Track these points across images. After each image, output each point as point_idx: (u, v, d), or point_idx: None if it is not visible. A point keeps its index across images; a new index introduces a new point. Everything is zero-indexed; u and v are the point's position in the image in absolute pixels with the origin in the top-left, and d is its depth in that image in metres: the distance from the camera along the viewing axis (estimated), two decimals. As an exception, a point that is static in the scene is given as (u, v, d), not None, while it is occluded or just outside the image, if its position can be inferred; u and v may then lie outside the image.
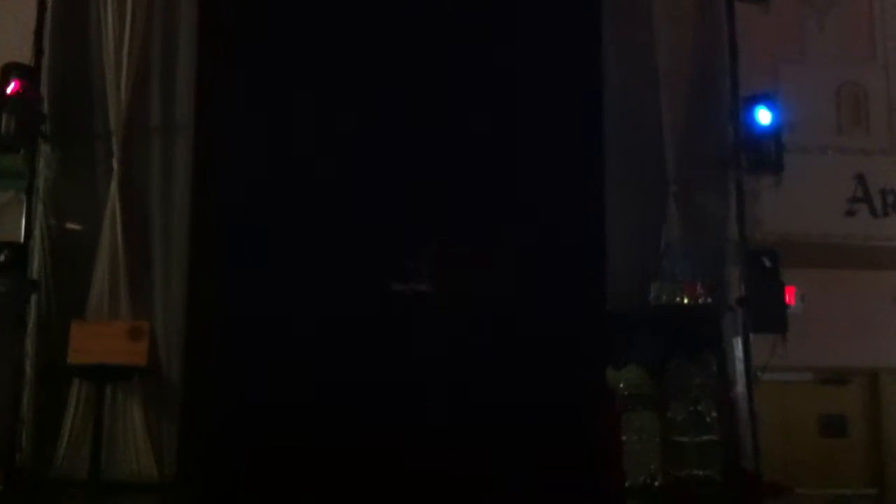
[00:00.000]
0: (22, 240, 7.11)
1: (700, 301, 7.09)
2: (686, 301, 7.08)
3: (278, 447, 6.59)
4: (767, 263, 7.28)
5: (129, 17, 7.35)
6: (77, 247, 7.25)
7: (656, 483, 6.68)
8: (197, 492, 6.63)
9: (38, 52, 7.29)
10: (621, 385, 6.89)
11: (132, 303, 7.12)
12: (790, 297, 7.39)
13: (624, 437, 6.83)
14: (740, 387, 7.14)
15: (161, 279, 7.23)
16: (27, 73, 7.19)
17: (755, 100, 7.62)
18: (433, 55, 7.17)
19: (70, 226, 7.28)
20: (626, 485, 6.71)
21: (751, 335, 7.29)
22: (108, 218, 7.18)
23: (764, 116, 7.57)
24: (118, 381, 6.92)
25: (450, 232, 6.86)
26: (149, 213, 7.33)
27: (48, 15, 7.34)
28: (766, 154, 7.57)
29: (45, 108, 7.27)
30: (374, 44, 7.19)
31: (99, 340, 6.85)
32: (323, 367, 6.74)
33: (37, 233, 7.13)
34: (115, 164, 7.24)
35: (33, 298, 7.02)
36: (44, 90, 7.27)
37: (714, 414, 6.75)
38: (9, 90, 7.09)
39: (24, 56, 7.27)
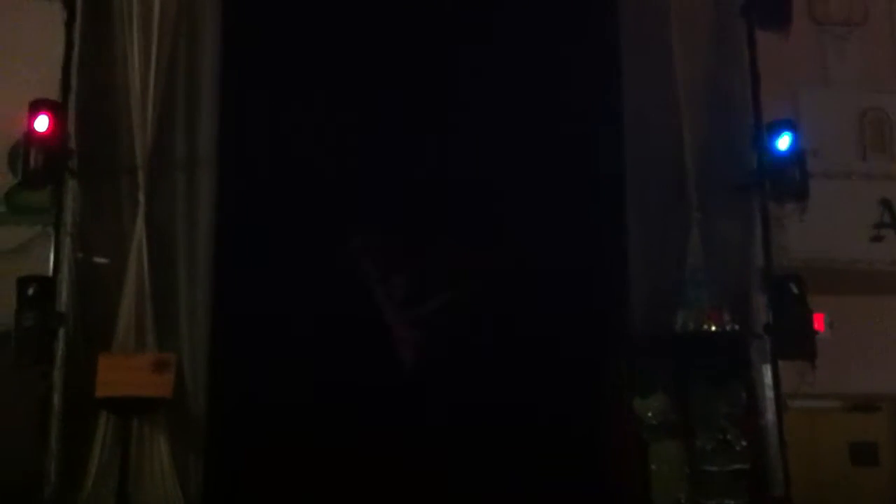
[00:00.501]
0: (50, 273, 7.17)
1: (727, 328, 7.04)
2: (713, 328, 7.03)
3: (305, 478, 6.59)
4: (794, 290, 7.22)
5: (154, 52, 7.43)
6: (104, 280, 7.30)
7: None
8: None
9: (66, 87, 7.37)
10: (649, 414, 6.84)
11: (158, 335, 7.15)
12: (818, 323, 7.32)
13: (653, 467, 6.79)
14: (770, 414, 7.07)
15: (186, 311, 7.26)
16: (55, 108, 7.29)
17: (777, 126, 7.60)
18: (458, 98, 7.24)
19: (97, 259, 7.34)
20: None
21: (779, 362, 7.23)
22: (135, 251, 7.23)
23: (784, 143, 7.54)
24: (144, 413, 6.94)
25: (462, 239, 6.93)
26: (174, 245, 7.38)
27: (75, 51, 7.45)
28: (790, 180, 7.53)
29: (73, 143, 7.36)
30: (393, 55, 7.28)
31: (125, 373, 6.87)
32: (347, 387, 6.77)
33: (65, 267, 7.19)
34: (140, 198, 7.30)
35: (61, 332, 7.08)
36: (71, 126, 7.37)
37: (744, 443, 6.67)
38: (37, 126, 7.19)
39: (52, 92, 7.37)
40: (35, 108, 7.24)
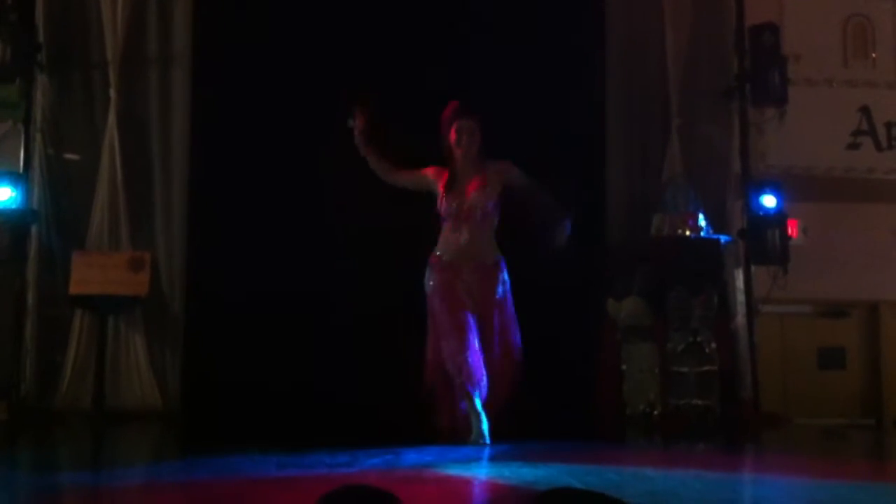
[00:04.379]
0: (21, 170, 7.08)
1: (701, 233, 7.09)
2: (687, 233, 7.07)
3: (280, 374, 6.65)
4: (770, 196, 7.27)
5: (126, -57, 7.22)
6: (77, 177, 7.24)
7: (655, 412, 6.74)
8: (200, 420, 6.70)
9: (34, -22, 7.17)
10: (622, 316, 6.92)
11: (133, 233, 7.12)
12: (792, 229, 7.39)
13: (624, 367, 6.90)
14: (740, 318, 7.19)
15: (161, 209, 7.22)
16: (22, 1, 7.09)
17: (759, 29, 7.53)
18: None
19: (69, 156, 7.25)
20: (626, 413, 6.79)
21: (752, 267, 7.32)
22: (107, 148, 7.15)
23: (768, 48, 7.48)
24: (120, 311, 6.95)
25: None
26: (148, 142, 7.29)
27: (43, -59, 7.21)
28: (770, 86, 7.51)
29: (41, 36, 7.18)
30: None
31: (100, 271, 6.87)
32: (325, 297, 6.79)
33: (36, 163, 7.11)
34: (112, 94, 7.18)
35: (33, 229, 7.03)
36: (39, 18, 7.18)
37: (714, 345, 6.78)
38: (3, 18, 7.00)
39: (19, -17, 7.15)
40: (1, -1, 7.06)
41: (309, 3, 7.23)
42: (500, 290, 5.26)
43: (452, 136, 5.30)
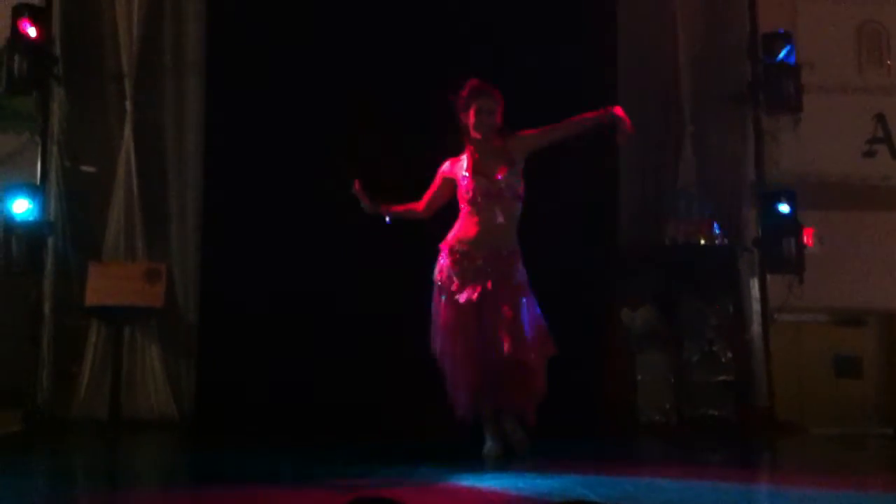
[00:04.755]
0: (38, 182, 7.13)
1: (716, 241, 7.07)
2: (702, 241, 7.05)
3: (295, 385, 6.66)
4: (785, 204, 7.24)
5: (139, -45, 7.28)
6: (93, 189, 7.28)
7: (670, 421, 6.72)
8: (215, 430, 6.72)
9: (50, -9, 7.23)
10: (636, 325, 6.90)
11: (148, 244, 7.16)
12: (807, 238, 7.35)
13: (639, 377, 6.88)
14: (756, 326, 7.16)
15: (177, 219, 7.25)
16: (38, 14, 7.16)
17: (773, 37, 7.51)
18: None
19: (85, 168, 7.30)
20: (641, 422, 6.77)
21: (767, 276, 7.29)
22: (123, 160, 7.19)
23: (783, 55, 7.47)
24: (136, 322, 6.99)
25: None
26: (164, 153, 7.33)
27: (58, -46, 7.27)
28: (784, 93, 7.49)
29: (58, 49, 7.24)
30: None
31: (116, 282, 6.90)
32: (339, 302, 6.80)
33: (52, 175, 7.16)
34: (128, 106, 7.23)
35: (50, 240, 7.08)
36: (55, 31, 7.25)
37: (729, 354, 6.76)
38: (21, 32, 7.07)
39: (35, -4, 7.22)
40: (18, 13, 7.12)
41: (322, 12, 7.25)
42: (517, 277, 4.96)
43: (472, 117, 5.00)
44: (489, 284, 4.86)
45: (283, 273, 6.89)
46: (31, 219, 6.97)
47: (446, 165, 5.12)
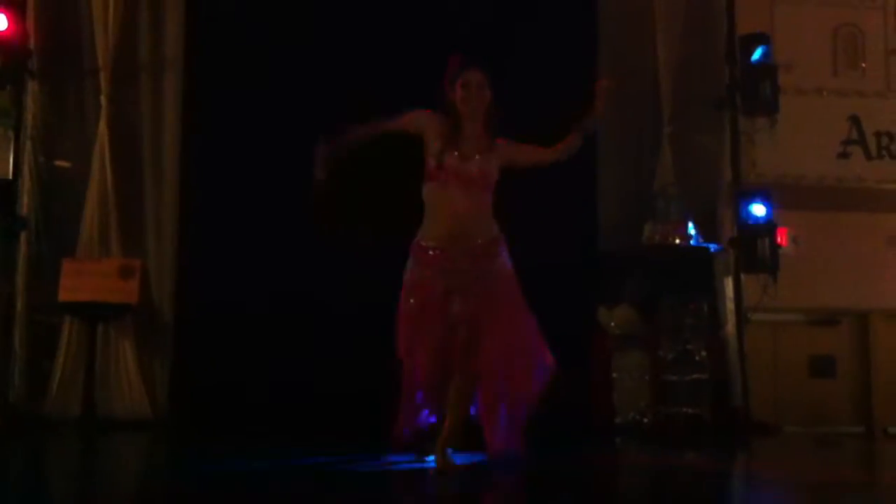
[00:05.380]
0: (10, 176, 7.06)
1: (692, 242, 7.10)
2: (678, 241, 7.09)
3: (270, 382, 6.64)
4: (760, 205, 7.30)
5: (116, -51, 7.21)
6: (67, 184, 7.21)
7: (645, 420, 6.74)
8: (189, 428, 6.68)
9: (25, -14, 7.16)
10: (612, 324, 6.92)
11: (123, 240, 7.09)
12: (782, 238, 7.41)
13: (614, 375, 6.90)
14: (731, 326, 7.20)
15: (152, 216, 7.20)
16: (13, 8, 7.07)
17: (750, 39, 7.56)
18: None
19: (59, 163, 7.23)
20: (616, 421, 6.79)
21: (742, 276, 7.33)
22: (98, 155, 7.12)
23: (760, 57, 7.52)
24: (110, 319, 6.93)
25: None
26: (139, 149, 7.27)
27: (34, -52, 7.20)
28: (761, 95, 7.54)
29: (32, 43, 7.16)
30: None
31: (90, 279, 6.84)
32: (316, 301, 6.78)
33: (25, 170, 7.08)
34: (103, 101, 7.16)
35: (22, 236, 7.00)
36: (30, 25, 7.17)
37: (704, 353, 6.79)
38: (-5, 26, 6.99)
39: (10, -10, 7.14)
40: (-8, 6, 7.04)
41: (302, 9, 7.22)
42: (501, 271, 4.47)
43: (458, 91, 4.47)
44: (473, 281, 4.39)
45: (262, 271, 6.87)
46: (3, 214, 6.88)
47: (426, 114, 4.54)
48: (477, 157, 4.44)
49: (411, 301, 4.49)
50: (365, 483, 4.17)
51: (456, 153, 4.41)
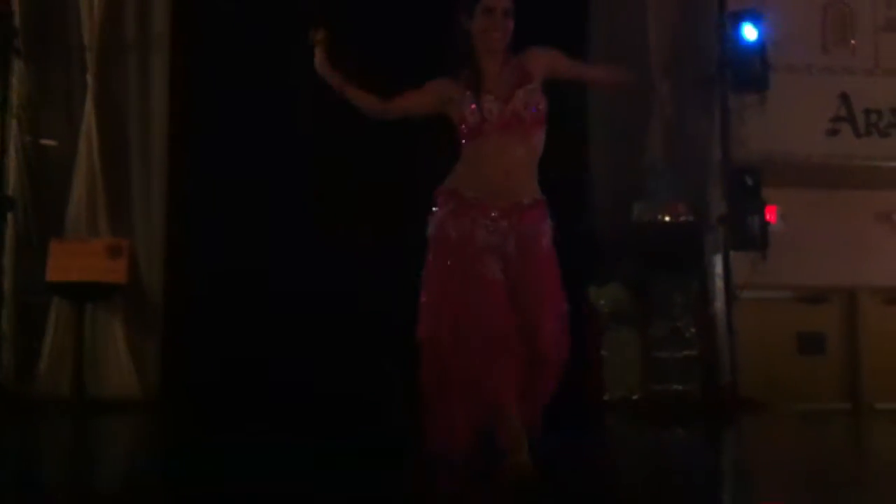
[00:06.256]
0: (-3, 156, 7.02)
1: (682, 219, 7.11)
2: (668, 219, 7.09)
3: (259, 363, 6.63)
4: (749, 182, 7.29)
5: (102, -74, 7.13)
6: (54, 164, 7.17)
7: (635, 397, 6.77)
8: (179, 408, 6.67)
9: (9, -38, 7.08)
10: (602, 302, 6.93)
11: (111, 220, 7.06)
12: (771, 215, 7.41)
13: (604, 353, 6.92)
14: (720, 303, 7.21)
15: (140, 196, 7.17)
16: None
17: (741, 16, 7.53)
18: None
19: (46, 142, 7.19)
20: (606, 398, 6.82)
21: (731, 253, 7.34)
22: (84, 134, 7.08)
23: (750, 33, 7.49)
24: (98, 299, 6.90)
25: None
26: (126, 128, 7.23)
27: (18, -75, 7.11)
28: (751, 72, 7.52)
29: (18, 21, 7.09)
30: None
31: (78, 258, 6.81)
32: (305, 280, 6.76)
33: (12, 149, 7.04)
34: (89, 80, 7.11)
35: (10, 216, 6.96)
36: (15, 3, 7.09)
37: (693, 330, 6.82)
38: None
39: (-6, -32, 7.06)
40: (-25, -16, 6.97)
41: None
42: (544, 242, 3.74)
43: (479, 20, 3.71)
44: (511, 249, 3.65)
45: (250, 253, 6.83)
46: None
47: (442, 80, 3.80)
48: (517, 88, 3.69)
49: (448, 262, 3.64)
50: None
51: (491, 97, 3.67)
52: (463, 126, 3.70)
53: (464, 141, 3.72)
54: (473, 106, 3.66)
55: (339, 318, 6.64)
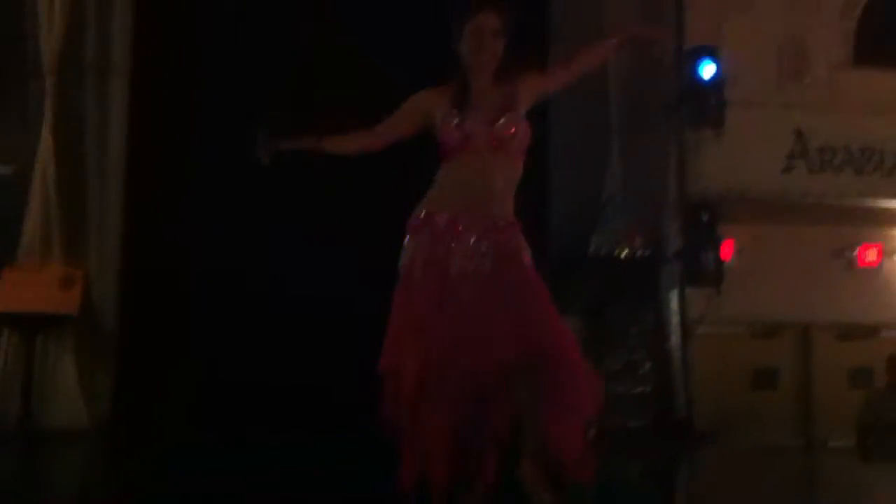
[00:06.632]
0: (-51, 182, 6.93)
1: (638, 254, 7.16)
2: (625, 253, 7.14)
3: (216, 398, 6.57)
4: (704, 217, 7.37)
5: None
6: (8, 190, 7.08)
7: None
8: (129, 437, 6.60)
9: (-33, -13, 7.03)
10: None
11: (66, 246, 6.97)
12: (727, 250, 7.49)
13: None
14: (675, 338, 7.26)
15: (96, 222, 7.09)
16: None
17: (699, 52, 7.63)
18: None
19: (1, 168, 7.10)
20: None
21: (686, 288, 7.40)
22: (40, 161, 7.00)
23: (708, 70, 7.59)
24: (49, 330, 6.80)
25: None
26: (84, 155, 7.16)
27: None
28: (707, 107, 7.61)
29: (-26, 46, 7.04)
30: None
31: (29, 288, 6.71)
32: (262, 310, 6.73)
33: (-34, 175, 6.96)
34: (47, 105, 7.03)
35: (-38, 242, 6.88)
36: (-28, 28, 7.05)
37: (647, 365, 6.85)
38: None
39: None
40: (-67, 8, 6.90)
41: (248, 14, 7.16)
42: (525, 257, 3.64)
43: (470, 40, 3.63)
44: (489, 269, 3.53)
45: (208, 279, 6.79)
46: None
47: (423, 94, 3.72)
48: (504, 116, 3.59)
49: (415, 298, 3.50)
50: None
51: (476, 116, 3.57)
52: (445, 142, 3.60)
53: (444, 156, 3.63)
54: (457, 123, 3.57)
55: (302, 341, 6.61)
